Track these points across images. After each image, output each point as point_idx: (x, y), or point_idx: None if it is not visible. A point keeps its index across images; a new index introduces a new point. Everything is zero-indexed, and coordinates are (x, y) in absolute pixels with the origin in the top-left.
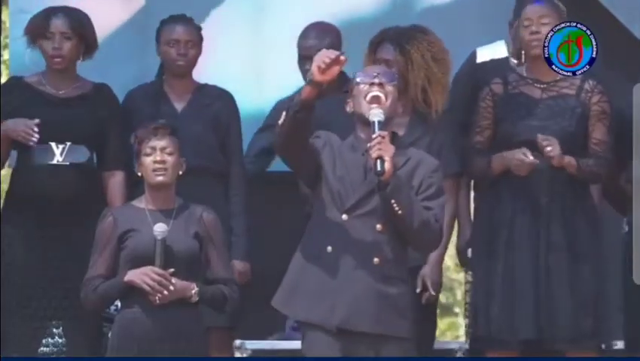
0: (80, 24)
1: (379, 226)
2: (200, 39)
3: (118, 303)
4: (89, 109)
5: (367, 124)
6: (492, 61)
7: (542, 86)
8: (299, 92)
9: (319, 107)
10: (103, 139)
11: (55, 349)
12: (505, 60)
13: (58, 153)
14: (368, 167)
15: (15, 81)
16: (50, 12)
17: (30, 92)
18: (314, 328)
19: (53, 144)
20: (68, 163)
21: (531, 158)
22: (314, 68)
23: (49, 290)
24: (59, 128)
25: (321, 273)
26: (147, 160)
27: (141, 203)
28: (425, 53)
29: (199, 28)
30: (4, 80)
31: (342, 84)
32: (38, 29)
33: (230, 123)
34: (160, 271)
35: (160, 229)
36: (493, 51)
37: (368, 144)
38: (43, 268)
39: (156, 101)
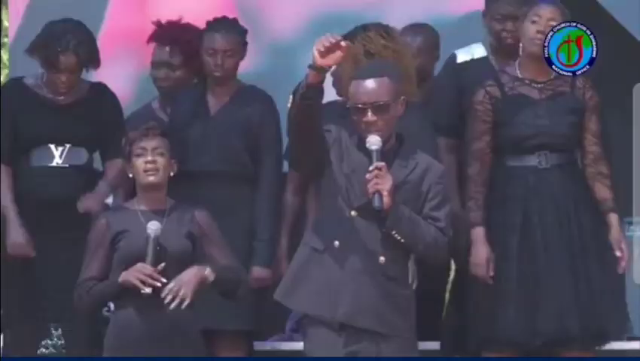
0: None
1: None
2: (242, 44)
3: (110, 304)
4: (87, 112)
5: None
6: (473, 61)
7: (539, 86)
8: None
9: None
10: (105, 136)
11: (54, 351)
12: (485, 59)
13: (57, 155)
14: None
15: (15, 83)
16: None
17: (29, 95)
18: (316, 322)
19: (52, 146)
20: (67, 165)
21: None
22: (314, 52)
23: (48, 292)
24: (58, 131)
25: (326, 267)
26: (139, 161)
27: (133, 205)
28: (358, 48)
29: (242, 33)
30: (3, 79)
31: None
32: (46, 59)
33: (263, 126)
34: (149, 269)
35: (153, 226)
36: (471, 54)
37: (367, 175)
38: (42, 269)
39: (195, 104)
